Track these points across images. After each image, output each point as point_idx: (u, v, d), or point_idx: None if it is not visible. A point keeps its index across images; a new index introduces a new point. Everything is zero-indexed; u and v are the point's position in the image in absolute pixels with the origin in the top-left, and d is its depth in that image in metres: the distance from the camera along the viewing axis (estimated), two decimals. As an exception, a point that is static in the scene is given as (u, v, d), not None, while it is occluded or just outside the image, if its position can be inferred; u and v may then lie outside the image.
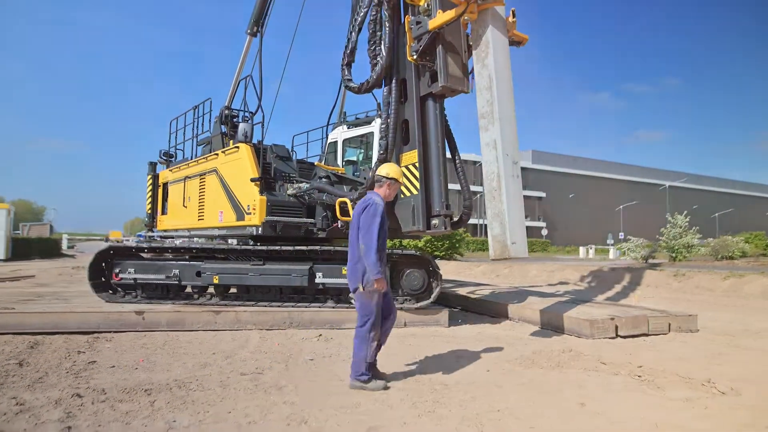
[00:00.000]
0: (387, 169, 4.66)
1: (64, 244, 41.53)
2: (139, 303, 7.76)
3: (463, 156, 8.62)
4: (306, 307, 7.58)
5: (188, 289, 8.29)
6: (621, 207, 62.10)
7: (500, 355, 5.61)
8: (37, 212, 77.76)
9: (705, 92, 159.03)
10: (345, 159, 10.19)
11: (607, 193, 75.34)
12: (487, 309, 9.04)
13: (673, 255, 23.83)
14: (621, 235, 26.07)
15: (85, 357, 5.27)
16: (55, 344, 5.87)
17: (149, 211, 10.90)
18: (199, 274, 7.85)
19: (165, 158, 10.85)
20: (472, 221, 51.53)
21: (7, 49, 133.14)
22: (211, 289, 8.16)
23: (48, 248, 30.30)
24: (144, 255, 8.37)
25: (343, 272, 7.69)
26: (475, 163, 48.39)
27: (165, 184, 10.74)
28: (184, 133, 10.28)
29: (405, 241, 26.82)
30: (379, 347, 4.50)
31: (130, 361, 5.11)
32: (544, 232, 51.00)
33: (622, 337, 6.50)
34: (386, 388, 4.29)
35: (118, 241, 24.43)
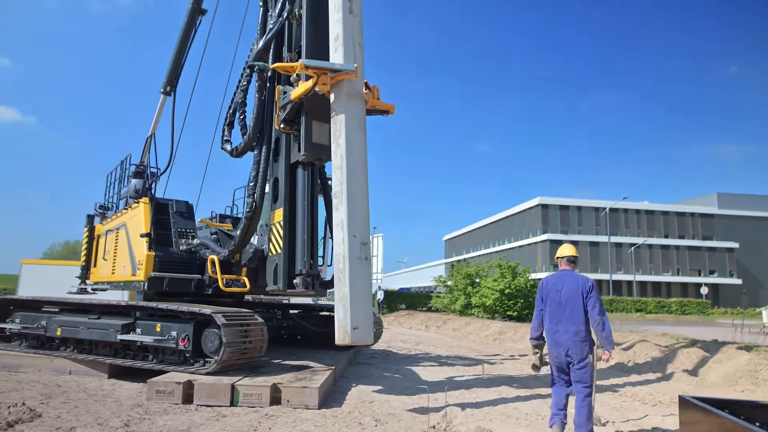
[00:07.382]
0: (572, 251, 5.02)
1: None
2: (20, 351, 8.66)
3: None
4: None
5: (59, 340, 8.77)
6: None
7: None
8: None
9: None
10: None
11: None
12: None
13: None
14: None
15: None
16: None
17: (83, 263, 11.34)
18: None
19: (101, 211, 11.22)
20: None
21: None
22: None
23: None
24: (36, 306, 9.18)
25: (158, 329, 7.54)
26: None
27: (98, 237, 11.15)
28: (114, 187, 10.71)
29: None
30: None
31: None
32: (704, 290, 40.76)
33: (199, 405, 6.03)
34: None
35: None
